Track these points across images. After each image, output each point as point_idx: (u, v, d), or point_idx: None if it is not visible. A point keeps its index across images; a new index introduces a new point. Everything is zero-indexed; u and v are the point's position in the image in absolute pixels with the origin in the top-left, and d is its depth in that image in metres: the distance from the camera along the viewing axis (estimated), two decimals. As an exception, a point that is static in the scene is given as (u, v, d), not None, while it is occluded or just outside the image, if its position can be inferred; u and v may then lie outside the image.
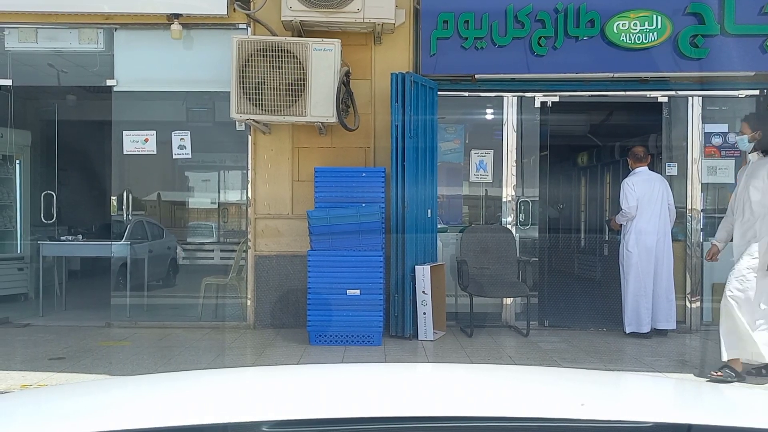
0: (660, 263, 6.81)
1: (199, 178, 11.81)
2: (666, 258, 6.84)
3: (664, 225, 6.85)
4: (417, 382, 1.95)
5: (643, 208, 6.81)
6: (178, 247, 10.10)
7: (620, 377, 2.57)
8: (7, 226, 8.64)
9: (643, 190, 6.86)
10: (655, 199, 6.83)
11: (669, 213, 6.90)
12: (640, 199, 6.81)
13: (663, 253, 6.82)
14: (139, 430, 1.37)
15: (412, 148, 6.63)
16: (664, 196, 6.89)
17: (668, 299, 6.83)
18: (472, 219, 8.18)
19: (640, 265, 6.79)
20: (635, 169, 7.05)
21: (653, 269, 6.80)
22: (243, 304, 7.29)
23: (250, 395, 1.71)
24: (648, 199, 6.83)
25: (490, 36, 6.94)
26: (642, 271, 6.79)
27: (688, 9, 6.86)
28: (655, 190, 6.87)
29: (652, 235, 6.79)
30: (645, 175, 7.01)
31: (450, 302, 7.19)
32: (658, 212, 6.83)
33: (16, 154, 8.68)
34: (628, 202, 6.83)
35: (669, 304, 6.82)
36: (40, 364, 5.52)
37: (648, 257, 6.78)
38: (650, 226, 6.79)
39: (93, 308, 7.83)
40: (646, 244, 6.78)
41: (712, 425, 1.45)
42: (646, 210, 6.82)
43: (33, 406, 1.71)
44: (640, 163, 7.05)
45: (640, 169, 7.04)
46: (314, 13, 6.49)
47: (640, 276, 6.79)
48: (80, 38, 7.19)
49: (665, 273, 6.83)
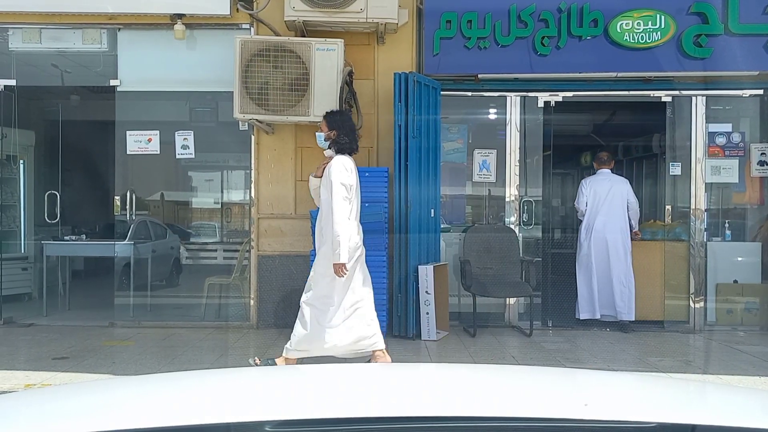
0: (617, 257, 7.17)
1: (203, 178, 11.83)
2: (624, 252, 7.18)
3: (621, 222, 7.24)
4: (420, 382, 1.95)
5: (598, 207, 7.29)
6: (182, 247, 10.11)
7: (623, 377, 2.56)
8: (11, 226, 8.65)
9: (598, 191, 7.34)
10: (611, 198, 7.28)
11: (630, 212, 7.29)
12: (594, 198, 7.32)
13: (620, 248, 7.18)
14: (143, 429, 1.37)
15: (415, 148, 6.63)
16: (623, 196, 7.30)
17: (629, 291, 7.12)
18: (475, 219, 8.17)
19: (592, 258, 7.22)
20: (598, 171, 7.54)
21: (609, 262, 7.17)
22: (246, 304, 7.30)
23: (253, 395, 1.71)
24: (603, 199, 7.30)
25: (493, 36, 6.94)
26: (596, 263, 7.21)
27: (692, 8, 6.85)
28: (613, 190, 7.32)
29: (607, 232, 7.21)
30: (604, 176, 7.47)
31: (453, 302, 7.19)
32: (616, 211, 7.25)
33: (20, 154, 8.70)
34: (577, 200, 7.48)
35: (629, 296, 7.11)
36: (43, 364, 5.53)
37: (602, 251, 7.20)
38: (605, 222, 7.23)
39: (96, 308, 7.84)
40: (600, 238, 7.21)
41: (716, 425, 1.44)
42: (602, 208, 7.28)
43: (37, 405, 1.72)
44: (603, 166, 7.54)
45: (603, 171, 7.52)
46: (317, 13, 6.49)
47: (592, 268, 7.22)
48: (84, 38, 7.20)
49: (623, 267, 7.16)
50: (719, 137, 7.38)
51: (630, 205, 7.29)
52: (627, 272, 7.14)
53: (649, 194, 10.10)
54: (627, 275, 7.13)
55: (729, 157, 7.39)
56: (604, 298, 7.18)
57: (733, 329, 7.20)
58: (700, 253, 7.27)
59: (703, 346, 6.65)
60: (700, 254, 7.28)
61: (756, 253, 7.42)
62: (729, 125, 7.48)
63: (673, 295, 7.34)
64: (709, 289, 7.30)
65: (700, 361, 5.97)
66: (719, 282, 7.33)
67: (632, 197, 7.34)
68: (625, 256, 7.17)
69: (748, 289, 7.34)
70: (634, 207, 7.32)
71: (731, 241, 7.53)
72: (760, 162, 7.42)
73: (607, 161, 7.55)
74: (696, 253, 7.29)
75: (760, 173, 7.45)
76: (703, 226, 7.31)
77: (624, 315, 7.09)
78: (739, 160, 7.40)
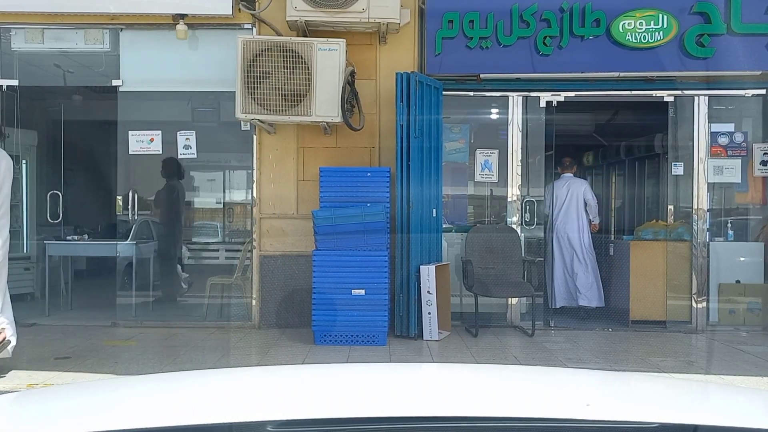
0: (579, 252, 7.77)
1: (205, 177, 11.85)
2: (580, 247, 7.80)
3: (579, 221, 7.87)
4: (422, 382, 1.95)
5: (558, 208, 7.87)
6: (184, 247, 10.11)
7: (626, 377, 2.56)
8: (13, 226, 8.59)
9: (559, 194, 7.90)
10: (569, 200, 7.90)
11: (588, 208, 7.93)
12: (555, 201, 7.87)
13: (577, 244, 7.81)
14: (145, 429, 1.37)
15: (417, 148, 6.63)
16: (580, 197, 7.90)
17: (594, 280, 7.75)
18: (477, 219, 8.17)
19: (558, 253, 7.79)
20: (561, 175, 8.09)
21: (573, 257, 7.77)
22: (248, 303, 7.30)
23: (255, 395, 1.71)
24: (563, 201, 7.91)
25: (496, 35, 6.93)
26: (564, 258, 7.82)
27: (694, 8, 6.84)
28: (570, 192, 7.92)
29: (568, 230, 7.83)
30: (564, 180, 8.03)
31: (455, 302, 7.19)
32: (573, 210, 7.87)
33: (23, 154, 8.70)
34: (545, 203, 7.85)
35: (593, 284, 7.73)
36: (46, 364, 5.55)
37: (565, 247, 7.83)
38: (565, 222, 7.85)
39: (99, 308, 7.84)
40: (563, 236, 7.83)
41: (718, 426, 1.44)
42: (562, 209, 7.88)
43: (39, 405, 1.72)
44: (565, 170, 8.13)
45: (564, 175, 8.10)
46: (319, 13, 6.50)
47: (557, 262, 7.79)
48: (86, 39, 7.22)
49: (588, 261, 7.78)
50: (722, 137, 7.37)
51: (587, 203, 7.92)
52: (587, 265, 7.74)
53: (652, 194, 10.09)
54: (587, 268, 7.73)
55: (731, 156, 7.37)
56: (573, 288, 7.76)
57: (736, 329, 7.19)
58: (703, 253, 7.26)
59: (705, 347, 6.65)
60: (702, 254, 7.27)
61: (758, 253, 7.41)
62: (731, 125, 7.47)
63: (675, 295, 7.33)
64: (712, 289, 7.28)
65: (703, 361, 5.97)
66: (722, 282, 7.32)
67: (589, 195, 7.96)
68: (581, 249, 7.79)
69: (750, 290, 7.33)
70: (591, 204, 7.94)
71: (734, 241, 7.52)
72: (763, 162, 7.41)
73: (569, 166, 8.15)
74: (698, 253, 7.28)
75: (762, 173, 7.44)
76: (706, 226, 7.30)
77: (593, 302, 7.68)
78: (741, 159, 7.38)
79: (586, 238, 7.85)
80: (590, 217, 7.96)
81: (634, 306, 7.27)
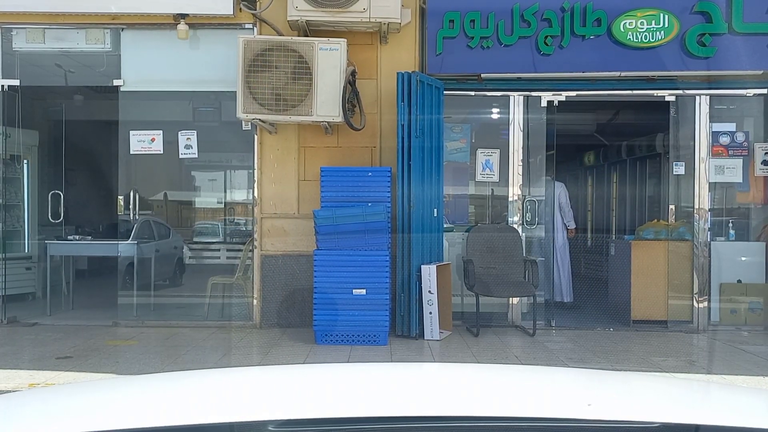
0: (558, 251, 8.10)
1: (206, 177, 11.87)
2: (563, 246, 8.26)
3: (555, 222, 8.13)
4: (423, 381, 1.94)
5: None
6: (185, 247, 10.13)
7: (627, 377, 2.56)
8: (14, 226, 8.67)
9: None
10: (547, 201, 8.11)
11: (561, 211, 8.29)
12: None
13: (560, 244, 8.22)
14: (146, 429, 1.37)
15: (418, 148, 6.63)
16: (556, 200, 8.16)
17: (566, 276, 8.26)
18: (478, 218, 8.17)
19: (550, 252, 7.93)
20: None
21: (558, 256, 8.11)
22: (249, 303, 7.30)
23: (257, 395, 1.71)
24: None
25: (497, 35, 6.93)
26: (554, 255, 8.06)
27: (696, 7, 6.83)
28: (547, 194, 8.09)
29: (552, 231, 8.03)
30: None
31: (456, 302, 7.19)
32: (550, 212, 8.02)
33: (24, 154, 8.71)
34: None
35: (567, 282, 8.27)
36: (47, 363, 5.55)
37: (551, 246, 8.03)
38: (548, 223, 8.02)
39: (100, 307, 7.86)
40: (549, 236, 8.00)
41: (720, 425, 1.44)
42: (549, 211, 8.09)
43: (41, 404, 1.72)
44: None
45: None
46: (320, 12, 6.50)
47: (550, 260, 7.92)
48: (87, 38, 7.22)
49: (565, 259, 8.26)
50: (723, 136, 7.36)
51: (561, 207, 8.27)
52: (561, 264, 8.17)
53: (653, 194, 10.09)
54: (561, 266, 8.19)
55: (733, 156, 7.37)
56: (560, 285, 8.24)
57: (737, 329, 7.19)
58: (704, 253, 7.26)
59: (706, 346, 6.64)
60: (703, 254, 7.26)
61: (760, 253, 7.40)
62: (733, 124, 7.46)
63: (676, 295, 7.33)
64: (713, 289, 7.28)
65: (704, 360, 5.96)
66: (723, 282, 7.31)
67: (563, 199, 8.33)
68: (565, 252, 8.27)
69: (751, 289, 7.32)
70: (563, 207, 8.32)
71: (735, 240, 7.52)
72: (764, 161, 7.40)
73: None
74: (699, 253, 7.28)
75: (764, 173, 7.44)
76: (707, 226, 7.29)
77: (566, 298, 8.18)
78: (742, 159, 7.37)
79: (560, 237, 8.21)
80: (564, 221, 8.31)
81: (635, 306, 7.27)
